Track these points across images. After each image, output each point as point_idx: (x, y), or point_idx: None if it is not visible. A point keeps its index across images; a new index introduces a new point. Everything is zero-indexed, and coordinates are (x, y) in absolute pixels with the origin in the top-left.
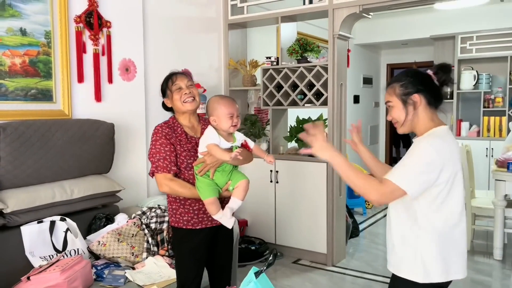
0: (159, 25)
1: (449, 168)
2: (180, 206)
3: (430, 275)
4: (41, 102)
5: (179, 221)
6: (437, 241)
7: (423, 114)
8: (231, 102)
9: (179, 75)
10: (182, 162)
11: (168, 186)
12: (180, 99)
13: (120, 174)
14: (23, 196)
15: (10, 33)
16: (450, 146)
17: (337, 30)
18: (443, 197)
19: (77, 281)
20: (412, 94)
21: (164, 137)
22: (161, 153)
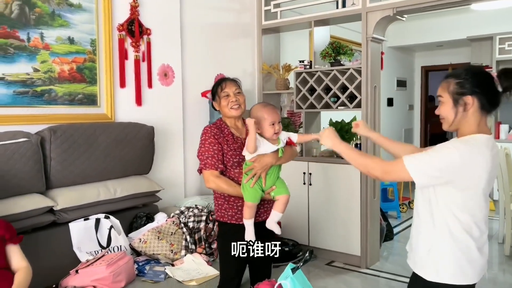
0: (195, 31)
1: (470, 177)
2: (225, 202)
3: (440, 275)
4: (87, 106)
5: (224, 216)
6: (450, 243)
7: (472, 118)
8: (273, 110)
9: (229, 82)
10: (229, 160)
11: (215, 182)
12: (227, 105)
13: (159, 175)
14: (71, 195)
15: (59, 41)
16: (479, 156)
17: (370, 33)
18: (460, 203)
19: (121, 275)
20: (466, 95)
21: (213, 137)
22: (209, 151)
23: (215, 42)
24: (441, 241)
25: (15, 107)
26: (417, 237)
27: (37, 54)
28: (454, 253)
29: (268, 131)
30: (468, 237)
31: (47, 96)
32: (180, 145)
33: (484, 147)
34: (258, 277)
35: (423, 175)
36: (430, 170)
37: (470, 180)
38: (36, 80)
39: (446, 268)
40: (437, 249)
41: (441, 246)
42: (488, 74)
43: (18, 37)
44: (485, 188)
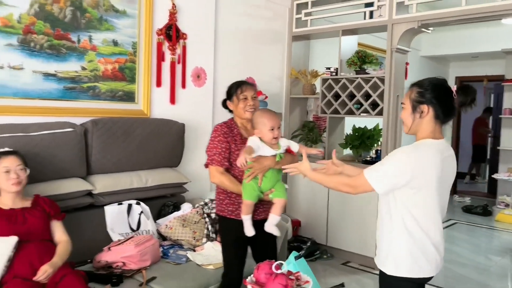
0: (228, 36)
1: (421, 177)
2: (226, 197)
3: (398, 269)
4: (126, 103)
5: (224, 211)
6: (407, 240)
7: (426, 125)
8: (272, 116)
9: (248, 86)
10: (235, 159)
11: (219, 178)
12: (243, 108)
13: (187, 169)
14: (107, 181)
15: (105, 43)
16: (428, 158)
17: (395, 44)
18: (414, 202)
19: (147, 255)
20: (423, 104)
21: (222, 135)
22: (217, 148)
23: (246, 47)
24: (399, 238)
25: (64, 100)
26: (380, 237)
27: (85, 54)
28: (410, 248)
29: (267, 135)
30: (423, 234)
31: (92, 92)
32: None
33: (434, 150)
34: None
35: (382, 184)
36: (387, 178)
37: (422, 180)
38: (83, 77)
39: (404, 262)
40: (396, 245)
41: (399, 243)
42: (448, 88)
43: (70, 39)
44: (438, 188)
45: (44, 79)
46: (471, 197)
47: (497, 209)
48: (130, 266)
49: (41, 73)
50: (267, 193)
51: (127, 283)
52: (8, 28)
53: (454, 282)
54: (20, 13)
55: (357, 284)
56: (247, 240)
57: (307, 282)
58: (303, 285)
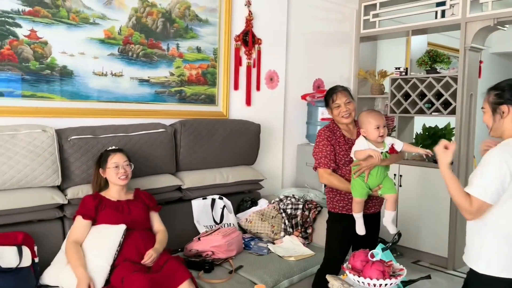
0: (298, 40)
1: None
2: (337, 194)
3: (491, 268)
4: (207, 105)
5: (336, 207)
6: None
7: (509, 124)
8: (377, 115)
9: (339, 94)
10: (340, 159)
11: (327, 179)
12: (338, 114)
13: (262, 167)
14: (194, 177)
15: (190, 50)
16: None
17: (469, 43)
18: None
19: (233, 245)
20: (502, 104)
21: (326, 139)
22: (323, 152)
23: (315, 49)
24: (492, 237)
25: (156, 103)
26: (471, 234)
27: (173, 61)
28: (503, 247)
29: (373, 133)
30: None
31: (179, 96)
32: (280, 142)
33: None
34: None
35: (492, 194)
36: (493, 185)
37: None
38: (171, 82)
39: (497, 262)
40: (488, 244)
41: (491, 241)
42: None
43: (160, 47)
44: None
45: (139, 85)
46: None
47: None
48: (218, 255)
49: (136, 79)
50: (376, 189)
51: (217, 271)
52: (111, 39)
53: None
54: (121, 25)
55: (430, 283)
56: (353, 234)
57: (402, 269)
58: (398, 272)
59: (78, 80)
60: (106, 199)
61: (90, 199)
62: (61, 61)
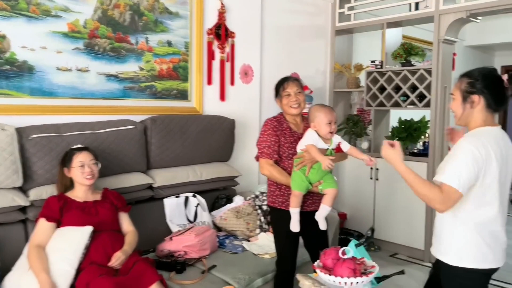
0: (273, 33)
1: (487, 164)
2: (277, 188)
3: (463, 260)
4: (180, 100)
5: (275, 202)
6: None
7: (478, 115)
8: (330, 111)
9: (291, 82)
10: (284, 152)
11: (268, 170)
12: (287, 104)
13: (238, 163)
14: (166, 175)
15: (160, 44)
16: (487, 146)
17: (442, 35)
18: (477, 191)
19: (206, 244)
20: (473, 94)
21: (272, 129)
22: (267, 142)
23: (290, 43)
24: (462, 228)
25: (125, 99)
26: (440, 226)
27: (143, 55)
28: (474, 239)
29: (324, 129)
30: (487, 224)
31: (149, 91)
32: (255, 137)
33: (493, 136)
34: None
35: (466, 185)
36: (465, 174)
37: (487, 168)
38: (141, 77)
39: (468, 253)
40: (459, 236)
41: (462, 233)
42: (498, 77)
43: (129, 41)
44: (500, 177)
45: (107, 80)
46: None
47: None
48: (191, 255)
49: (104, 74)
50: (316, 184)
51: (190, 271)
52: (75, 33)
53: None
54: (85, 18)
55: (407, 276)
56: (300, 230)
57: (373, 267)
58: (369, 269)
59: (40, 75)
60: (71, 200)
61: (54, 200)
62: (21, 55)
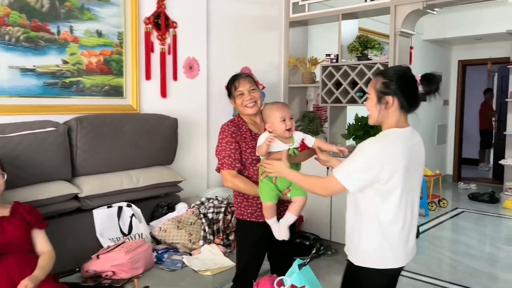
0: (221, 24)
1: (389, 168)
2: (244, 199)
3: (366, 260)
4: (113, 98)
5: (244, 214)
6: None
7: (392, 116)
8: (282, 106)
9: (242, 80)
10: (247, 158)
11: (232, 182)
12: (241, 104)
13: (182, 166)
14: (95, 183)
15: (87, 34)
16: (394, 147)
17: (399, 27)
18: (381, 193)
19: (139, 262)
20: (388, 95)
21: (230, 135)
22: (226, 150)
23: (241, 35)
24: (367, 229)
25: (45, 97)
26: (350, 228)
27: (67, 46)
28: (378, 240)
29: (279, 127)
30: (390, 225)
31: (75, 87)
32: (204, 137)
33: (400, 139)
34: (278, 269)
35: (353, 181)
36: (357, 174)
37: (390, 171)
38: (65, 71)
39: (371, 254)
40: (365, 237)
41: (367, 234)
42: (412, 77)
43: (48, 30)
44: (405, 177)
45: (22, 75)
46: (476, 183)
47: (505, 196)
48: (120, 275)
49: (18, 68)
50: (285, 192)
51: None
52: None
53: (466, 276)
54: None
55: None
56: (267, 242)
57: None
58: None
59: None
60: None
61: None
62: None
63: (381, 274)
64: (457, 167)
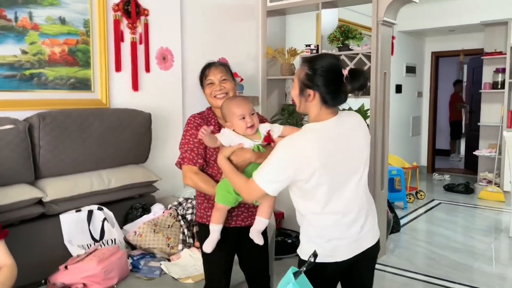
0: (196, 12)
1: (305, 168)
2: (205, 200)
3: (302, 253)
4: (80, 91)
5: (203, 217)
6: (309, 228)
7: (313, 108)
8: (241, 102)
9: (213, 68)
10: (212, 155)
11: (192, 179)
12: (210, 94)
13: (157, 164)
14: (62, 185)
15: (49, 21)
16: (307, 147)
17: (381, 16)
18: (307, 191)
19: (113, 271)
20: (309, 88)
21: (195, 128)
22: (189, 144)
23: (217, 24)
24: (304, 225)
25: (2, 91)
26: (300, 227)
27: (26, 35)
28: (312, 235)
29: (239, 126)
30: (322, 221)
31: (37, 80)
32: (179, 132)
33: (313, 137)
34: (255, 280)
35: (271, 184)
36: (273, 176)
37: (307, 171)
38: (24, 63)
39: (309, 249)
40: (304, 232)
41: (305, 230)
42: (338, 72)
43: (5, 16)
44: (328, 175)
45: None
46: (450, 174)
47: (479, 187)
48: (92, 287)
49: None
50: None
51: None
52: None
53: (451, 270)
54: None
55: None
56: (233, 248)
57: None
58: None
59: None
60: None
61: None
62: None
63: (324, 268)
64: (431, 158)
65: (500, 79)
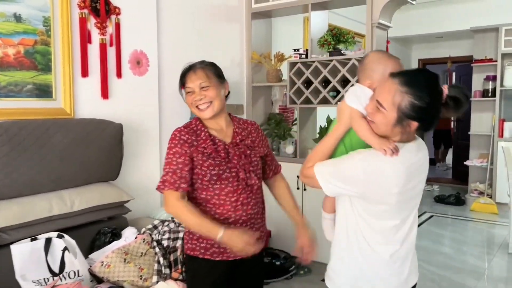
0: (175, 13)
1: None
2: None
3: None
4: (39, 99)
5: (195, 249)
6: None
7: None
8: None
9: (191, 74)
10: (205, 174)
11: (174, 207)
12: (192, 104)
13: (129, 182)
14: (14, 210)
15: (2, 18)
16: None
17: (376, 18)
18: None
19: None
20: (414, 120)
21: (181, 145)
22: (171, 164)
23: (198, 26)
24: (350, 251)
25: None
26: (334, 244)
27: None
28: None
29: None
30: (374, 252)
31: None
32: (156, 145)
33: (396, 161)
34: None
35: (328, 184)
36: (333, 179)
37: (379, 195)
38: None
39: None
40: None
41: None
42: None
43: None
44: (399, 201)
45: None
46: (439, 185)
47: (471, 198)
48: None
49: None
50: None
51: None
52: None
53: None
54: None
55: None
56: (226, 286)
57: None
58: None
59: None
60: None
61: None
62: None
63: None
64: None
65: (490, 86)
